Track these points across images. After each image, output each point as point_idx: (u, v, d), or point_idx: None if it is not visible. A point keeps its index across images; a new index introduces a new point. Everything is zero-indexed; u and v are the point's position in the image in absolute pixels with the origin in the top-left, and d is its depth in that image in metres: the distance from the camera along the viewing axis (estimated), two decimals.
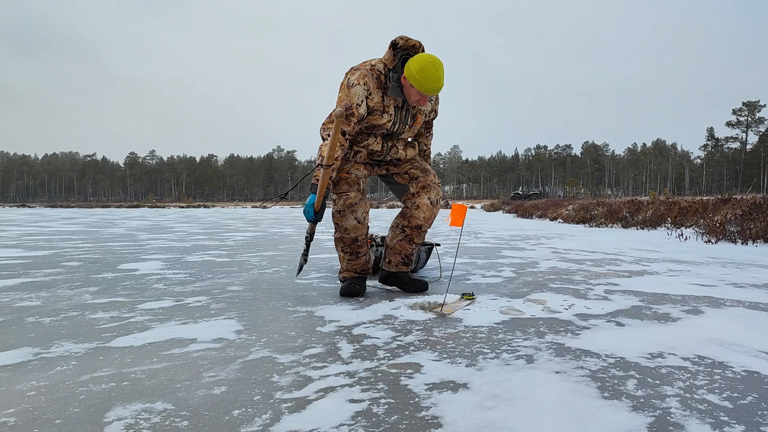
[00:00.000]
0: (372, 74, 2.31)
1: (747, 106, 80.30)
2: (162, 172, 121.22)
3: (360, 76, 2.29)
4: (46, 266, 3.54)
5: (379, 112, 2.35)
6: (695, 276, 3.12)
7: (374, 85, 2.30)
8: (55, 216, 18.66)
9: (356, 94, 2.27)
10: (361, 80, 2.28)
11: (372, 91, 2.30)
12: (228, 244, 5.63)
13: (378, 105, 2.33)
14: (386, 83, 2.34)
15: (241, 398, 1.13)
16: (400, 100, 2.40)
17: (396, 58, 2.33)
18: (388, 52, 2.34)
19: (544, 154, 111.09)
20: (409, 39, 2.33)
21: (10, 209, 41.49)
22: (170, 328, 1.78)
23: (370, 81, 2.29)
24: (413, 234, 2.60)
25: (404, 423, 1.01)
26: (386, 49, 2.35)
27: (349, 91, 2.27)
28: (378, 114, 2.35)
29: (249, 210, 37.85)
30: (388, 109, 2.37)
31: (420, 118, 2.53)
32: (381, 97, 2.33)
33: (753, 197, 7.51)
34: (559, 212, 13.68)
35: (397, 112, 2.41)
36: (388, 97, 2.35)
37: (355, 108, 2.26)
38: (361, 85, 2.27)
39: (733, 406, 1.09)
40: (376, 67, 2.33)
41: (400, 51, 2.34)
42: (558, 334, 1.69)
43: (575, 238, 6.88)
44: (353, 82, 2.28)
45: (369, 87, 2.29)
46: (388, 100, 2.35)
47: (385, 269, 2.64)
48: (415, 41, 2.34)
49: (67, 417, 1.03)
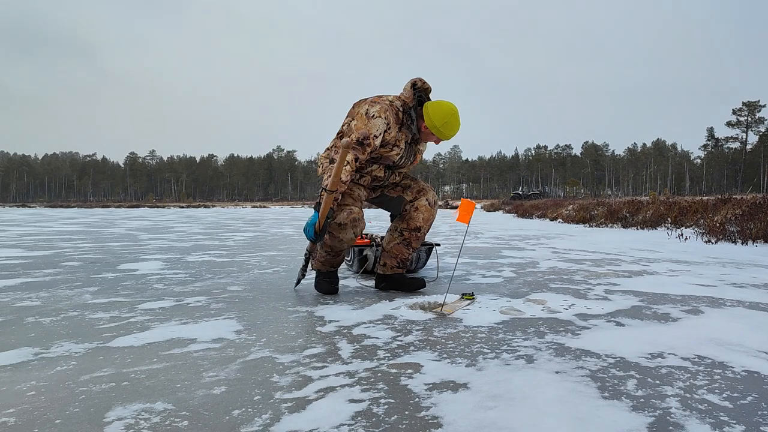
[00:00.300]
0: (392, 109, 2.42)
1: (747, 106, 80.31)
2: (162, 172, 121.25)
3: (381, 110, 2.39)
4: (46, 266, 3.54)
5: (392, 146, 2.46)
6: (695, 276, 3.12)
7: (393, 120, 2.42)
8: (55, 216, 18.66)
9: (376, 126, 2.36)
10: (383, 114, 2.38)
11: (391, 125, 2.41)
12: (228, 244, 5.63)
13: (393, 139, 2.45)
14: (403, 119, 2.47)
15: (241, 398, 1.13)
16: (410, 137, 2.52)
17: (414, 97, 2.49)
18: (408, 92, 2.49)
19: (544, 154, 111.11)
20: (425, 82, 2.52)
21: (10, 209, 41.50)
22: (170, 328, 1.78)
23: (390, 116, 2.41)
24: (411, 237, 2.62)
25: (404, 423, 1.01)
26: (406, 88, 2.50)
27: (369, 121, 2.36)
28: (390, 147, 2.46)
29: (249, 210, 37.86)
30: (400, 144, 2.48)
31: (419, 156, 2.66)
32: (397, 132, 2.45)
33: (753, 197, 7.51)
34: (559, 212, 13.68)
35: (406, 148, 2.53)
36: (401, 132, 2.47)
37: (372, 139, 2.36)
38: (382, 119, 2.38)
39: (733, 406, 1.09)
40: (394, 104, 2.45)
41: (418, 91, 2.50)
42: (558, 334, 1.69)
43: (575, 238, 6.88)
44: (374, 114, 2.37)
45: (389, 120, 2.40)
46: (400, 135, 2.47)
47: (380, 273, 2.65)
48: (429, 85, 2.54)
49: (67, 417, 1.03)
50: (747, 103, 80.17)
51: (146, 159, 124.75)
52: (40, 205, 67.40)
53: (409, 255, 2.65)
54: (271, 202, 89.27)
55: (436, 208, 2.66)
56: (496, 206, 28.32)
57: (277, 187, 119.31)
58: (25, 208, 54.06)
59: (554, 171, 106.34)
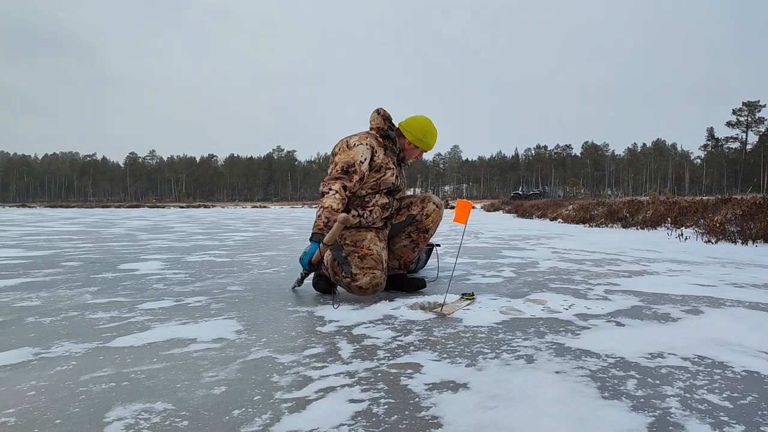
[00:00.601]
0: (371, 136, 2.51)
1: (747, 106, 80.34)
2: (162, 172, 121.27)
3: (360, 137, 2.46)
4: (46, 266, 3.54)
5: (385, 169, 2.50)
6: (695, 276, 3.12)
7: (377, 144, 2.50)
8: (55, 216, 18.66)
9: (359, 152, 2.41)
10: (363, 141, 2.45)
11: (377, 149, 2.49)
12: (228, 244, 5.63)
13: (383, 162, 2.50)
14: (385, 143, 2.54)
15: (241, 398, 1.13)
16: (395, 158, 2.59)
17: (385, 122, 2.59)
18: (376, 119, 2.59)
19: (544, 154, 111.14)
20: (385, 110, 2.63)
21: (10, 209, 41.50)
22: (170, 328, 1.78)
23: (373, 141, 2.48)
24: (419, 239, 2.65)
25: (404, 423, 1.01)
26: (373, 117, 2.60)
27: (351, 150, 2.41)
28: (384, 169, 2.50)
29: (249, 210, 37.86)
30: (390, 166, 2.53)
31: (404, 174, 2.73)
32: (384, 153, 2.52)
33: (753, 197, 7.51)
34: (559, 212, 13.68)
35: (397, 168, 2.59)
36: (388, 155, 2.53)
37: (357, 165, 2.39)
38: (363, 145, 2.43)
39: (733, 406, 1.09)
40: (371, 132, 2.55)
41: (383, 117, 2.60)
42: (558, 334, 1.69)
43: (575, 238, 6.88)
44: (355, 143, 2.43)
45: (373, 145, 2.47)
46: (388, 158, 2.53)
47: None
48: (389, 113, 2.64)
49: (67, 417, 1.03)
50: (747, 103, 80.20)
51: (146, 159, 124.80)
52: (40, 205, 67.40)
53: (413, 257, 2.66)
54: (271, 202, 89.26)
55: (442, 209, 2.72)
56: (496, 206, 28.32)
57: (277, 187, 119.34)
58: (25, 208, 54.05)
59: (554, 171, 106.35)
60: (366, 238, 2.41)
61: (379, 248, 2.42)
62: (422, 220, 2.63)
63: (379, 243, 2.45)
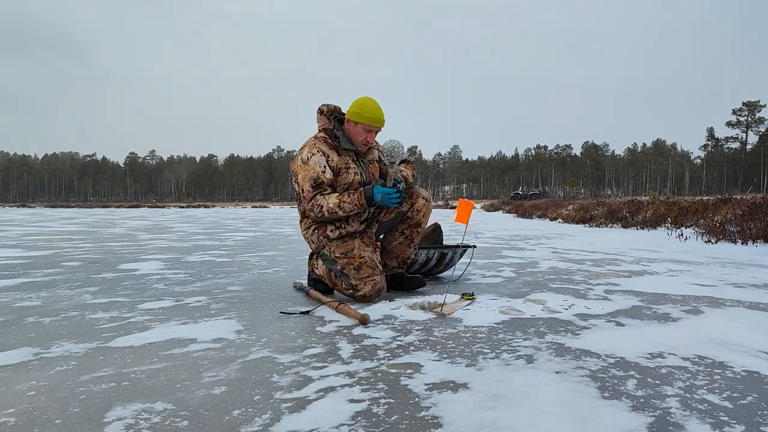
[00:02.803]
0: (319, 141, 2.43)
1: (747, 106, 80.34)
2: (162, 172, 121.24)
3: (310, 147, 2.40)
4: (46, 266, 3.54)
5: (344, 170, 2.42)
6: (695, 276, 3.12)
7: (327, 148, 2.41)
8: (55, 216, 18.66)
9: (316, 163, 2.36)
10: (313, 149, 2.39)
11: (329, 153, 2.40)
12: (228, 244, 5.63)
13: (341, 163, 2.42)
14: (335, 143, 2.45)
15: (241, 398, 1.13)
16: (353, 154, 2.49)
17: (330, 120, 2.50)
18: (321, 119, 2.51)
19: (544, 154, 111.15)
20: (329, 104, 2.53)
21: (10, 209, 41.50)
22: (170, 328, 1.78)
23: (323, 146, 2.41)
24: (413, 234, 2.62)
25: (404, 423, 1.01)
26: (318, 119, 2.51)
27: (307, 165, 2.36)
28: (344, 172, 2.42)
29: (249, 210, 37.87)
30: (350, 165, 2.44)
31: (373, 167, 2.59)
32: (338, 155, 2.42)
33: (753, 197, 7.51)
34: (559, 212, 13.68)
35: (357, 164, 2.49)
36: (342, 155, 2.44)
37: (321, 175, 2.35)
38: (316, 154, 2.37)
39: (733, 406, 1.09)
40: (318, 136, 2.47)
41: (328, 115, 2.50)
42: (558, 334, 1.69)
43: (575, 238, 6.88)
44: (307, 156, 2.38)
45: (324, 151, 2.40)
46: (344, 158, 2.44)
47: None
48: (334, 105, 2.54)
49: (67, 417, 1.03)
50: (747, 103, 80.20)
51: (146, 159, 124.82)
52: (40, 205, 67.40)
53: (410, 254, 2.65)
54: (271, 202, 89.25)
55: (431, 201, 2.68)
56: (496, 206, 28.33)
57: (277, 187, 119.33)
58: (25, 208, 54.05)
59: (554, 171, 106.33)
60: (354, 247, 2.39)
61: (370, 252, 2.41)
62: (413, 216, 2.60)
63: (368, 247, 2.43)
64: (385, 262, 2.63)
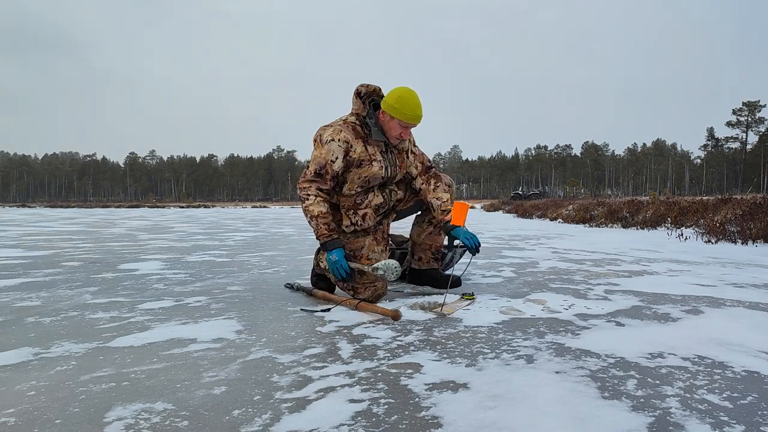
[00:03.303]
0: (347, 127, 2.27)
1: (747, 106, 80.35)
2: (162, 172, 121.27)
3: (334, 131, 2.24)
4: (46, 266, 3.54)
5: (367, 162, 2.28)
6: (695, 276, 3.12)
7: (353, 137, 2.26)
8: (55, 216, 18.66)
9: (331, 151, 2.22)
10: (336, 135, 2.23)
11: (353, 143, 2.25)
12: (228, 244, 5.63)
13: (364, 155, 2.27)
14: (365, 131, 2.30)
15: (241, 398, 1.13)
16: (383, 145, 2.35)
17: (366, 105, 2.32)
18: (356, 102, 2.32)
19: (544, 154, 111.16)
20: (369, 85, 2.34)
21: (10, 209, 41.48)
22: (170, 328, 1.78)
23: (348, 134, 2.25)
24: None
25: (404, 423, 1.01)
26: (352, 101, 2.33)
27: (323, 147, 2.23)
28: (367, 164, 2.28)
29: (249, 210, 37.86)
30: (376, 157, 2.30)
31: (402, 158, 2.44)
32: (364, 147, 2.28)
33: (753, 197, 7.51)
34: (559, 212, 13.68)
35: (385, 157, 2.35)
36: (370, 145, 2.30)
37: (328, 165, 2.23)
38: (336, 141, 2.22)
39: (733, 406, 1.09)
40: (348, 120, 2.31)
41: (365, 98, 2.32)
42: (558, 334, 1.69)
43: (575, 238, 6.88)
44: (327, 139, 2.23)
45: (348, 140, 2.24)
46: (372, 148, 2.30)
47: (415, 268, 2.61)
48: (375, 86, 2.34)
49: (67, 417, 1.03)
50: (747, 103, 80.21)
51: (146, 159, 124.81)
52: (40, 205, 67.34)
53: (442, 242, 2.58)
54: (271, 202, 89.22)
55: (454, 186, 2.54)
56: (496, 206, 28.30)
57: (277, 187, 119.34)
58: (25, 208, 53.98)
59: (554, 171, 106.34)
60: (364, 245, 2.34)
61: (378, 254, 2.37)
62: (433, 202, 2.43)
63: (378, 246, 2.39)
64: (420, 255, 2.59)
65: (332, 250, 2.19)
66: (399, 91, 2.24)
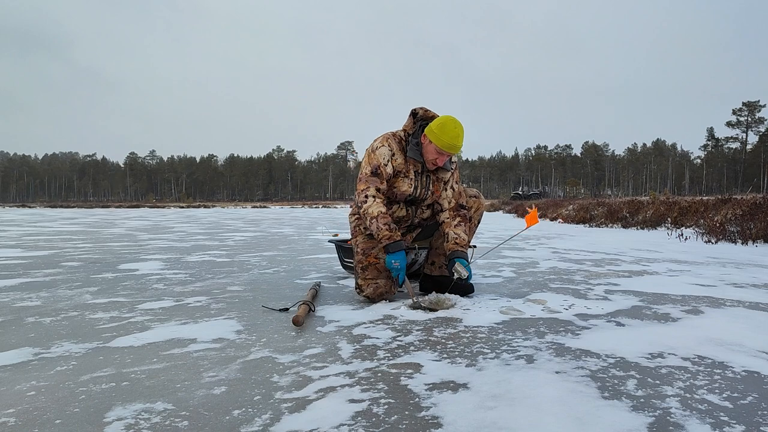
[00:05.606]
0: (394, 138, 2.45)
1: (747, 106, 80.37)
2: (162, 172, 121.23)
3: (383, 139, 2.44)
4: (46, 266, 3.54)
5: (402, 175, 2.43)
6: (695, 276, 3.12)
7: (397, 148, 2.43)
8: (55, 216, 18.66)
9: (382, 155, 2.39)
10: (384, 142, 2.42)
11: (395, 152, 2.42)
12: (228, 244, 5.63)
13: (401, 166, 2.42)
14: (406, 147, 2.45)
15: (241, 398, 1.13)
16: (419, 166, 2.45)
17: (416, 125, 2.47)
18: (408, 120, 2.48)
19: (544, 154, 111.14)
20: (428, 110, 2.48)
21: (10, 209, 41.49)
22: (170, 328, 1.78)
23: (393, 143, 2.43)
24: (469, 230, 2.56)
25: (404, 423, 1.01)
26: (407, 118, 2.49)
27: (375, 153, 2.40)
28: (401, 177, 2.43)
29: (249, 210, 37.85)
30: (409, 174, 2.43)
31: (438, 186, 2.50)
32: (403, 159, 2.43)
33: (753, 197, 7.51)
34: (559, 212, 13.68)
35: (417, 177, 2.46)
36: (408, 161, 2.43)
37: (382, 167, 2.37)
38: (385, 146, 2.40)
39: (733, 406, 1.09)
40: (397, 133, 2.48)
41: (419, 120, 2.47)
42: (558, 334, 1.69)
43: (575, 238, 6.88)
44: (377, 146, 2.41)
45: (392, 148, 2.41)
46: (408, 164, 2.43)
47: (427, 273, 2.62)
48: (434, 113, 2.48)
49: (67, 417, 1.03)
50: (747, 103, 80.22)
51: (146, 159, 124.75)
52: (40, 206, 67.34)
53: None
54: (271, 203, 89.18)
55: (481, 197, 2.67)
56: (497, 206, 28.30)
57: (277, 187, 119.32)
58: (25, 208, 53.97)
59: (554, 171, 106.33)
60: (376, 246, 2.39)
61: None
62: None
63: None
64: (434, 260, 2.60)
65: (394, 253, 2.22)
66: (444, 118, 2.36)
